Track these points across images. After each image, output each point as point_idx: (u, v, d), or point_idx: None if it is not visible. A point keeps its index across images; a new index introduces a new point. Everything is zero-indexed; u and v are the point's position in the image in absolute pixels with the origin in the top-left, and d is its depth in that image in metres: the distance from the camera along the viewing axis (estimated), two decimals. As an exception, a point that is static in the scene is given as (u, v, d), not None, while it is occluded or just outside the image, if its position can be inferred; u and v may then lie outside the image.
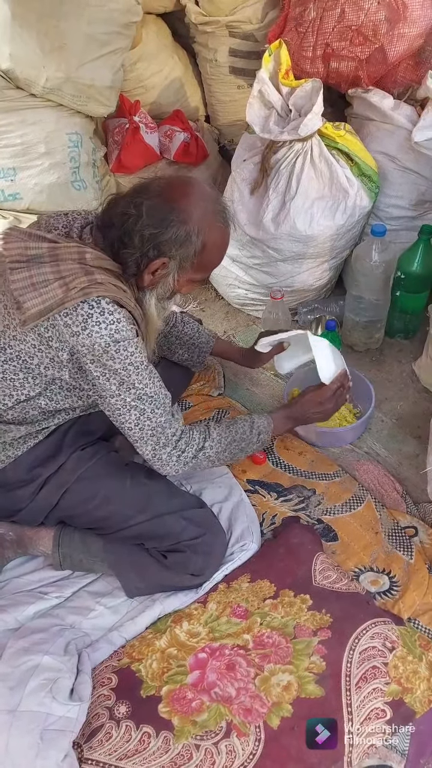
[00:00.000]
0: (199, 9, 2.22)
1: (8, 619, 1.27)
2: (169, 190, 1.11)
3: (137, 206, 1.09)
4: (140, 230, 1.08)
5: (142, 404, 1.14)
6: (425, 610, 1.27)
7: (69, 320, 1.06)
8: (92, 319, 1.05)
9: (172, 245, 1.10)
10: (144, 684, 1.16)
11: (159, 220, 1.08)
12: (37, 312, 1.05)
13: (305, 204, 1.79)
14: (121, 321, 1.07)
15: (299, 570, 1.31)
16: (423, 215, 1.93)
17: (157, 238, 1.09)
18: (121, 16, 1.89)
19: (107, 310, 1.06)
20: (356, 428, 1.66)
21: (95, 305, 1.05)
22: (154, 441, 1.18)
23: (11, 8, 1.74)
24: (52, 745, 1.02)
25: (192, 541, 1.27)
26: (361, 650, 1.16)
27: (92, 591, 1.34)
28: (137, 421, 1.16)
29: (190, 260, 1.14)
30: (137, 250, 1.10)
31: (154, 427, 1.17)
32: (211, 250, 1.16)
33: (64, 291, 1.04)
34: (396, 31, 1.76)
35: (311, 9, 1.82)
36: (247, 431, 1.30)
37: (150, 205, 1.09)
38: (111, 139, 2.29)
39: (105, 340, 1.06)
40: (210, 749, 1.06)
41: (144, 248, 1.10)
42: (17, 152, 1.93)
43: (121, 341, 1.08)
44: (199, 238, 1.11)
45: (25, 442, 1.24)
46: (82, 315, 1.05)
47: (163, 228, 1.08)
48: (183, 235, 1.10)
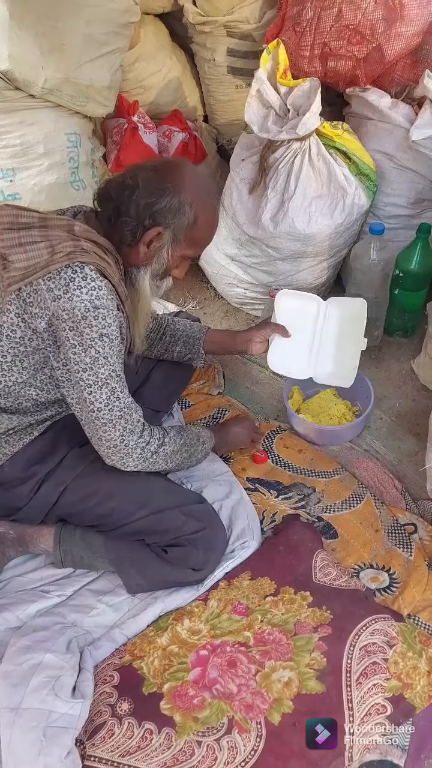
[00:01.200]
0: (196, 9, 2.22)
1: (10, 618, 1.27)
2: (162, 167, 1.19)
3: (133, 178, 1.15)
4: (136, 200, 1.13)
5: (114, 382, 1.15)
6: (425, 607, 1.28)
7: (51, 284, 1.07)
8: (74, 283, 1.07)
9: (167, 213, 1.15)
10: (146, 681, 1.17)
11: (154, 189, 1.14)
12: (22, 269, 1.07)
13: (304, 203, 1.80)
14: (103, 289, 1.10)
15: (299, 567, 1.32)
16: (421, 214, 1.93)
17: (152, 207, 1.14)
18: (120, 16, 1.90)
19: (89, 276, 1.08)
20: (355, 426, 1.66)
21: (78, 270, 1.08)
22: (122, 424, 1.18)
23: (9, 9, 1.74)
24: (54, 742, 1.03)
25: (193, 535, 1.27)
26: (361, 646, 1.17)
27: (94, 589, 1.35)
28: (108, 401, 1.15)
29: (183, 232, 1.18)
30: (133, 219, 1.14)
31: (122, 408, 1.17)
32: (203, 225, 1.21)
33: (49, 253, 1.07)
34: (393, 30, 1.76)
35: (309, 8, 1.82)
36: (194, 438, 1.37)
37: (145, 177, 1.15)
38: (110, 139, 2.29)
39: (85, 305, 1.08)
40: (212, 745, 1.07)
41: (140, 217, 1.14)
42: (16, 153, 1.93)
43: (101, 308, 1.09)
44: (192, 210, 1.16)
45: (20, 438, 1.25)
46: (64, 279, 1.07)
47: (158, 197, 1.14)
48: (176, 205, 1.15)
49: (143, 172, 1.16)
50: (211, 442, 1.43)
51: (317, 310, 1.62)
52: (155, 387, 1.61)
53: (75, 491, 1.28)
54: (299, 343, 1.60)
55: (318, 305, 1.62)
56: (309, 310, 1.62)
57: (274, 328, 1.56)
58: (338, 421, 1.68)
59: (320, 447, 1.67)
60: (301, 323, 1.61)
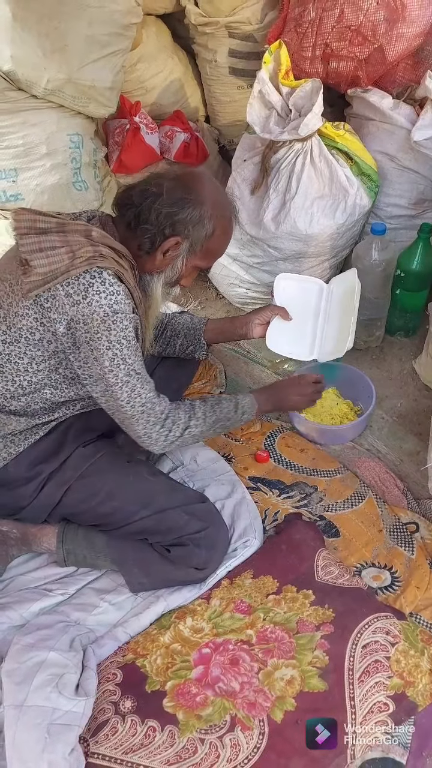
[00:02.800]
0: (198, 10, 2.23)
1: (14, 616, 1.28)
2: (185, 177, 1.20)
3: (158, 186, 1.16)
4: (159, 208, 1.14)
5: (133, 380, 1.17)
6: (426, 605, 1.29)
7: (70, 289, 1.08)
8: (93, 288, 1.08)
9: (187, 224, 1.16)
10: (149, 679, 1.17)
11: (177, 199, 1.15)
12: (43, 274, 1.08)
13: (305, 203, 1.80)
14: (120, 293, 1.11)
15: (302, 566, 1.32)
16: (422, 214, 1.94)
17: (173, 216, 1.15)
18: (122, 18, 1.90)
19: (108, 281, 1.09)
20: (357, 426, 1.67)
21: (97, 275, 1.09)
22: (145, 418, 1.21)
23: (12, 10, 1.74)
24: (58, 739, 1.03)
25: (195, 534, 1.28)
26: (363, 644, 1.17)
27: (96, 588, 1.35)
28: (129, 398, 1.18)
29: (200, 243, 1.20)
30: (154, 227, 1.15)
31: (144, 403, 1.19)
32: (219, 237, 1.23)
33: (70, 258, 1.08)
34: (395, 31, 1.77)
35: (310, 9, 1.83)
36: (232, 411, 1.35)
37: (170, 186, 1.16)
38: (112, 139, 2.30)
39: (104, 310, 1.09)
40: (214, 743, 1.07)
41: (161, 225, 1.15)
42: (19, 153, 1.94)
43: (119, 312, 1.10)
44: (211, 222, 1.18)
45: (25, 438, 1.26)
46: (83, 284, 1.08)
47: (180, 207, 1.15)
48: (197, 217, 1.16)
49: (167, 181, 1.16)
50: (252, 410, 1.40)
51: (319, 293, 1.63)
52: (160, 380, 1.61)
53: (78, 491, 1.28)
54: (301, 325, 1.58)
55: (320, 288, 1.63)
56: (310, 293, 1.63)
57: (273, 311, 1.55)
58: (340, 420, 1.69)
59: (322, 446, 1.67)
60: (303, 306, 1.60)
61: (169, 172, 1.21)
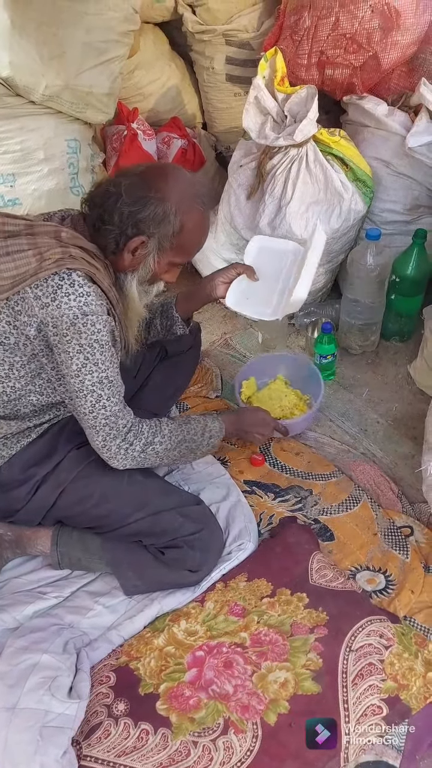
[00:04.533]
0: (196, 18, 2.25)
1: (7, 619, 1.28)
2: (148, 173, 1.16)
3: (117, 185, 1.13)
4: (119, 208, 1.12)
5: (99, 390, 1.14)
6: (420, 609, 1.29)
7: (39, 291, 1.07)
8: (62, 290, 1.06)
9: (150, 223, 1.13)
10: (142, 682, 1.17)
11: (137, 198, 1.12)
12: (11, 278, 1.07)
13: (301, 208, 1.81)
14: (91, 294, 1.09)
15: (296, 569, 1.32)
16: (417, 220, 1.95)
17: (135, 216, 1.12)
18: (119, 25, 1.92)
19: (77, 282, 1.07)
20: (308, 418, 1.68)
21: (66, 277, 1.07)
22: (106, 431, 1.18)
23: (10, 17, 1.76)
24: (51, 742, 1.03)
25: (189, 536, 1.28)
26: (357, 647, 1.17)
27: (91, 591, 1.35)
28: (92, 408, 1.16)
29: (168, 240, 1.17)
30: (116, 228, 1.13)
31: (107, 416, 1.17)
32: (190, 232, 1.19)
33: (38, 261, 1.07)
34: (389, 38, 1.79)
35: (306, 17, 1.85)
36: (199, 434, 1.32)
37: (129, 184, 1.13)
38: (109, 145, 2.31)
39: (74, 312, 1.07)
40: (208, 746, 1.07)
41: (123, 226, 1.13)
42: (17, 158, 1.95)
43: (90, 314, 1.08)
44: (177, 218, 1.15)
45: (18, 441, 1.26)
46: (51, 286, 1.06)
47: (141, 206, 1.12)
48: (161, 214, 1.13)
49: (128, 179, 1.14)
50: (219, 435, 1.37)
51: (295, 255, 1.52)
52: (153, 390, 1.62)
53: (72, 493, 1.28)
54: (270, 286, 1.49)
55: (295, 250, 1.53)
56: (285, 256, 1.52)
57: (237, 268, 1.47)
58: (290, 411, 1.70)
59: (317, 450, 1.67)
60: (275, 268, 1.51)
61: (133, 169, 1.18)
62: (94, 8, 1.84)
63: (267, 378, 1.81)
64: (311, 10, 1.83)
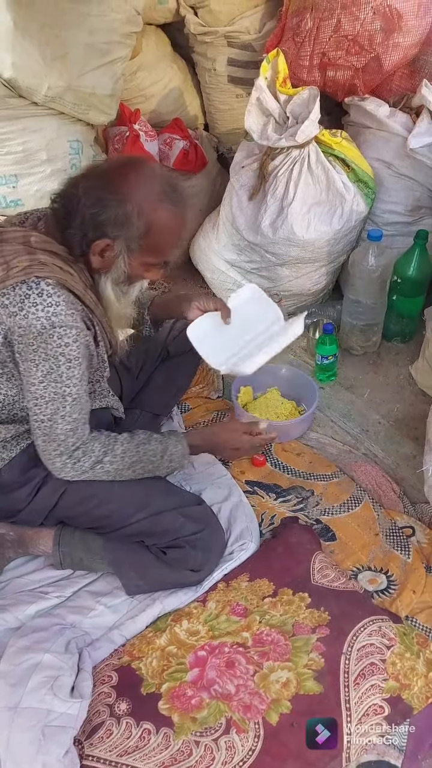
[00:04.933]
0: (198, 20, 2.26)
1: (9, 619, 1.28)
2: (110, 172, 1.11)
3: (76, 187, 1.09)
4: (80, 210, 1.07)
5: (60, 402, 1.11)
6: (422, 609, 1.29)
7: (6, 300, 1.04)
8: (29, 300, 1.03)
9: (112, 226, 1.08)
10: (144, 682, 1.17)
11: (96, 200, 1.07)
12: None
13: (302, 209, 1.82)
14: (60, 305, 1.05)
15: (298, 569, 1.32)
16: (418, 221, 1.96)
17: (95, 219, 1.07)
18: (122, 26, 1.93)
19: (46, 291, 1.04)
20: (302, 422, 1.69)
21: (34, 286, 1.04)
22: (55, 446, 1.16)
23: (13, 18, 1.77)
24: (53, 741, 1.03)
25: (191, 536, 1.28)
26: (359, 647, 1.17)
27: (93, 590, 1.35)
28: (52, 415, 1.12)
29: (136, 242, 1.11)
30: (79, 230, 1.08)
31: (65, 429, 1.14)
32: (160, 232, 1.12)
33: (4, 270, 1.04)
34: (391, 40, 1.79)
35: (308, 19, 1.85)
36: (158, 456, 1.27)
37: (87, 186, 1.08)
38: (111, 146, 2.32)
39: (41, 323, 1.04)
40: (210, 745, 1.07)
41: (84, 228, 1.08)
42: (19, 159, 1.96)
43: (58, 326, 1.05)
44: (140, 219, 1.09)
45: (17, 443, 1.26)
46: (19, 295, 1.04)
47: (101, 208, 1.07)
48: (122, 216, 1.07)
49: (88, 181, 1.09)
50: (180, 459, 1.31)
51: (272, 322, 1.45)
52: (155, 391, 1.63)
53: (74, 494, 1.28)
54: (231, 337, 1.41)
55: (276, 318, 1.46)
56: (263, 320, 1.46)
57: (217, 304, 1.38)
58: (285, 418, 1.72)
59: (318, 450, 1.68)
60: (248, 324, 1.44)
61: (98, 169, 1.13)
62: (96, 10, 1.85)
63: (260, 391, 1.82)
64: (313, 11, 1.84)
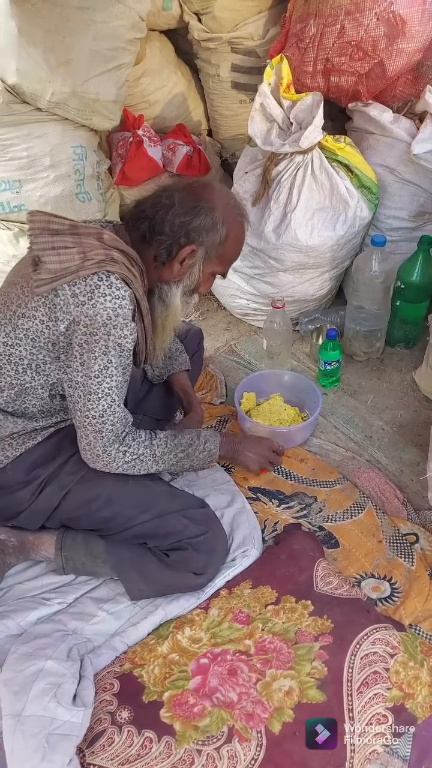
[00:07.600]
0: (202, 26, 2.27)
1: (11, 625, 1.27)
2: (194, 186, 1.24)
3: (169, 197, 1.19)
4: (171, 218, 1.17)
5: (114, 394, 1.17)
6: (426, 617, 1.28)
7: (77, 289, 1.10)
8: (99, 291, 1.10)
9: (201, 232, 1.19)
10: (146, 689, 1.16)
11: (189, 208, 1.18)
12: (53, 271, 1.09)
13: (306, 215, 1.82)
14: (125, 299, 1.12)
15: (301, 576, 1.32)
16: (422, 226, 1.95)
17: (187, 226, 1.18)
18: (126, 33, 1.94)
19: (115, 285, 1.11)
20: (305, 428, 1.69)
21: (104, 278, 1.10)
22: (110, 436, 1.20)
23: (18, 24, 1.77)
24: (57, 749, 1.02)
25: (194, 539, 1.28)
26: (362, 655, 1.16)
27: (95, 597, 1.35)
28: (103, 412, 1.17)
29: (215, 249, 1.22)
30: (169, 237, 1.18)
31: (114, 422, 1.19)
32: (233, 241, 1.26)
33: (81, 259, 1.10)
34: (395, 46, 1.80)
35: (312, 25, 1.86)
36: (194, 437, 1.37)
37: (181, 197, 1.19)
38: (115, 152, 2.32)
39: (108, 313, 1.10)
40: (212, 754, 1.06)
41: (176, 235, 1.18)
42: (23, 165, 1.96)
43: (121, 317, 1.12)
44: (224, 227, 1.21)
45: (24, 442, 1.26)
46: (90, 285, 1.10)
47: (193, 215, 1.18)
48: (210, 223, 1.19)
49: (178, 192, 1.20)
50: (215, 441, 1.40)
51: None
52: (158, 396, 1.63)
53: (77, 496, 1.28)
54: None
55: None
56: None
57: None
58: (288, 424, 1.72)
59: (321, 457, 1.67)
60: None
61: (178, 183, 1.25)
62: (101, 16, 1.86)
63: (263, 397, 1.82)
64: (317, 17, 1.84)
